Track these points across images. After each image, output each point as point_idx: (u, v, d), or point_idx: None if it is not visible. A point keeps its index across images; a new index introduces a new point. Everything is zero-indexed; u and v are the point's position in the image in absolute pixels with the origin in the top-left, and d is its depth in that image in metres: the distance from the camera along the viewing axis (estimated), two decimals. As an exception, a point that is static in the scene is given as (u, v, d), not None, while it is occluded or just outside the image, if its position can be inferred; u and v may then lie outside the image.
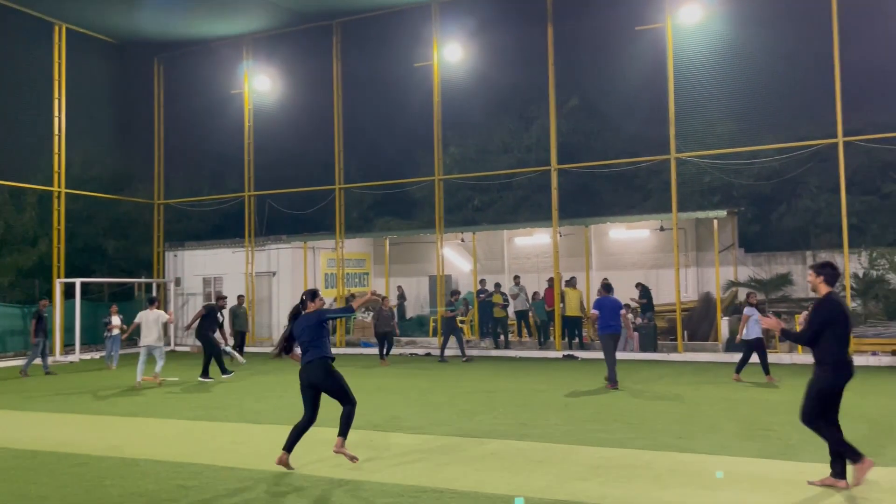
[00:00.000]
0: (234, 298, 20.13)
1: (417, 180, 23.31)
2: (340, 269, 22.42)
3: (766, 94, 17.47)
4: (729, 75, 17.25)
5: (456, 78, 21.35)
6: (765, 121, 18.04)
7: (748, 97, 17.23)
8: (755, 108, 17.41)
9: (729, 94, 17.39)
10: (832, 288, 6.62)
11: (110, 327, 17.90)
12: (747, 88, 17.18)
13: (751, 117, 17.38)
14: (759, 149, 17.80)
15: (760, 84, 17.15)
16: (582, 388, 12.99)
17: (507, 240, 25.95)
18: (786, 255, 22.89)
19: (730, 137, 17.70)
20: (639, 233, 24.25)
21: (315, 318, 7.71)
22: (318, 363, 7.73)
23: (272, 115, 23.55)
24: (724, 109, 17.51)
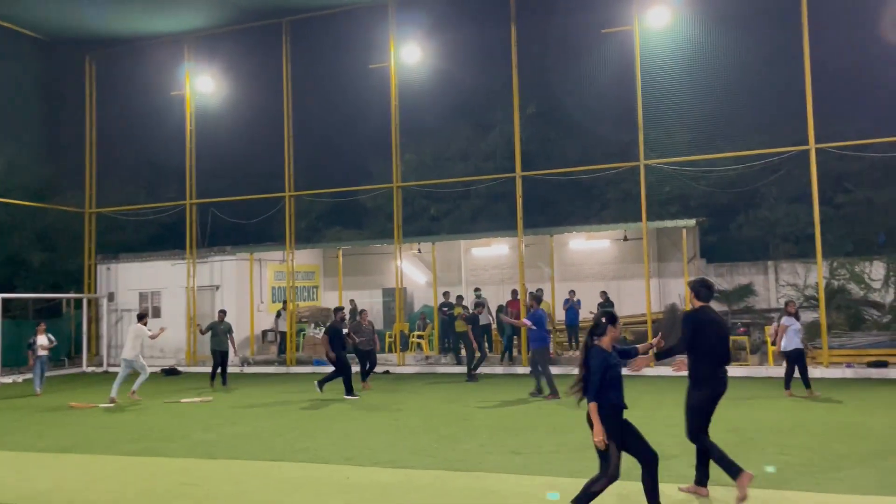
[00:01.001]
0: (177, 315, 18.63)
1: (375, 187, 22.24)
2: (291, 281, 21.05)
3: (737, 100, 17.03)
4: (699, 80, 16.78)
5: (413, 81, 20.38)
6: (734, 127, 17.63)
7: (717, 103, 16.75)
8: (724, 114, 16.97)
9: (698, 99, 16.89)
10: (704, 303, 6.69)
11: (36, 347, 16.12)
12: (716, 94, 16.70)
13: (720, 123, 16.94)
14: (730, 155, 17.37)
15: (730, 89, 16.68)
16: (564, 409, 12.08)
17: (464, 251, 25.04)
18: (748, 265, 22.64)
19: (698, 144, 17.18)
20: (599, 243, 23.69)
21: None
22: None
23: (216, 119, 22.09)
24: (693, 115, 16.96)
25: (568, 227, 21.77)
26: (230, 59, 21.64)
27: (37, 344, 16.14)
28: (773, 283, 22.02)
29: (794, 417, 10.85)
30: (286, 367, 20.64)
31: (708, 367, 6.49)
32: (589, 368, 5.76)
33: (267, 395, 15.02)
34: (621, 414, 5.81)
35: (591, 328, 5.92)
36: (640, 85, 17.46)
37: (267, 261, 24.13)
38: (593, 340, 5.83)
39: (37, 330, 16.47)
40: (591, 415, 5.72)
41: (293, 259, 21.03)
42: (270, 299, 24.29)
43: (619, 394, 5.79)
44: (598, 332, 5.85)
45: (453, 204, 25.77)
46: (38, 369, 16.14)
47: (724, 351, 6.60)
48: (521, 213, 19.09)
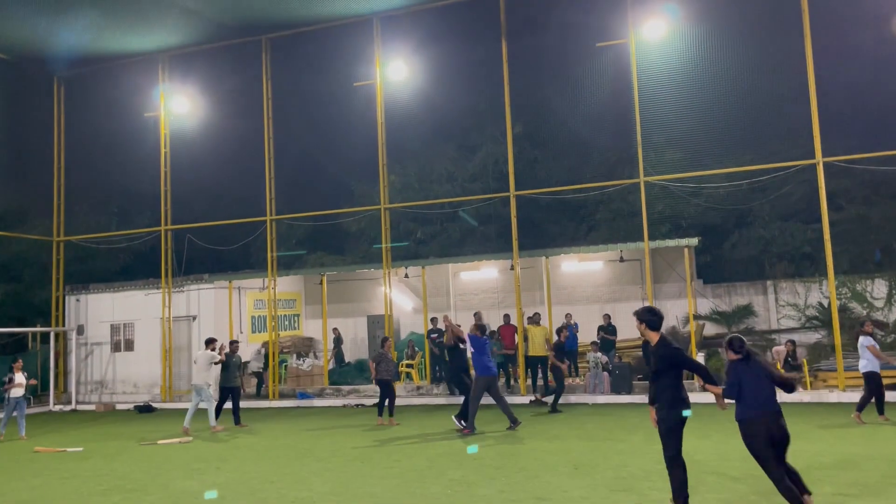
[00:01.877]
0: (151, 348, 17.44)
1: (362, 209, 21.32)
2: (273, 310, 19.96)
3: (737, 114, 16.44)
4: (697, 94, 16.20)
5: (399, 99, 19.61)
6: (734, 142, 17.02)
7: (717, 117, 16.14)
8: (724, 128, 16.35)
9: (697, 114, 16.29)
10: (658, 332, 6.82)
11: (10, 386, 14.66)
12: (715, 108, 16.10)
13: (720, 138, 16.30)
14: (735, 171, 16.74)
15: (730, 103, 16.09)
16: (575, 442, 11.17)
17: (452, 275, 24.17)
18: (745, 285, 22.01)
19: (697, 160, 16.54)
20: (592, 265, 22.97)
21: None
22: None
23: (192, 141, 21.09)
24: (692, 130, 16.34)
25: (564, 248, 20.96)
26: (207, 79, 20.71)
27: (14, 382, 14.69)
28: (773, 304, 21.39)
29: (841, 450, 10.03)
30: (268, 400, 19.49)
31: (676, 390, 6.63)
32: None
33: (252, 434, 13.91)
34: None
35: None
36: (638, 99, 16.82)
37: (246, 289, 23.04)
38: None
39: (13, 367, 14.96)
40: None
41: (275, 286, 19.96)
42: (250, 329, 23.16)
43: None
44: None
45: (440, 226, 24.92)
46: (20, 409, 14.70)
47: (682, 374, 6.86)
48: (517, 234, 18.20)
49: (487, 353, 13.06)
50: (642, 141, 16.86)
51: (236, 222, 21.02)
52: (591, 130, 21.12)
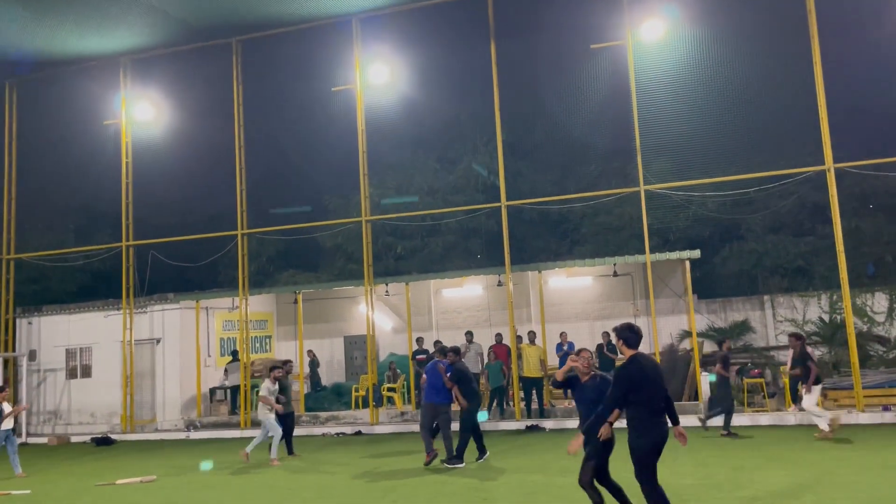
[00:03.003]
0: (111, 373, 15.86)
1: (342, 221, 19.98)
2: (245, 331, 18.50)
3: (741, 119, 15.59)
4: (698, 98, 15.31)
5: (380, 106, 18.39)
6: (739, 148, 16.17)
7: (722, 123, 15.28)
8: (729, 134, 15.50)
9: (698, 119, 15.41)
10: (636, 349, 6.58)
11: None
12: (718, 113, 15.24)
13: (724, 145, 15.44)
14: (741, 178, 15.82)
15: (734, 108, 15.24)
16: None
17: (434, 292, 22.94)
18: (741, 300, 21.15)
19: (698, 167, 15.63)
20: (581, 280, 21.91)
21: None
22: None
23: (156, 151, 19.61)
24: (693, 136, 15.44)
25: (558, 262, 19.88)
26: (173, 84, 19.31)
27: (2, 414, 12.84)
28: (771, 319, 20.55)
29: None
30: (239, 429, 17.99)
31: (646, 416, 6.38)
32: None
33: (226, 467, 12.46)
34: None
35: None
36: (636, 105, 15.89)
37: (214, 309, 21.53)
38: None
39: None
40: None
41: (247, 306, 18.52)
42: (219, 352, 21.62)
43: None
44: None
45: (420, 241, 23.72)
46: (11, 444, 12.94)
47: (660, 399, 6.50)
48: (508, 247, 17.08)
49: (470, 382, 11.77)
50: (641, 148, 15.85)
51: (204, 237, 19.55)
52: (583, 139, 20.17)
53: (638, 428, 6.42)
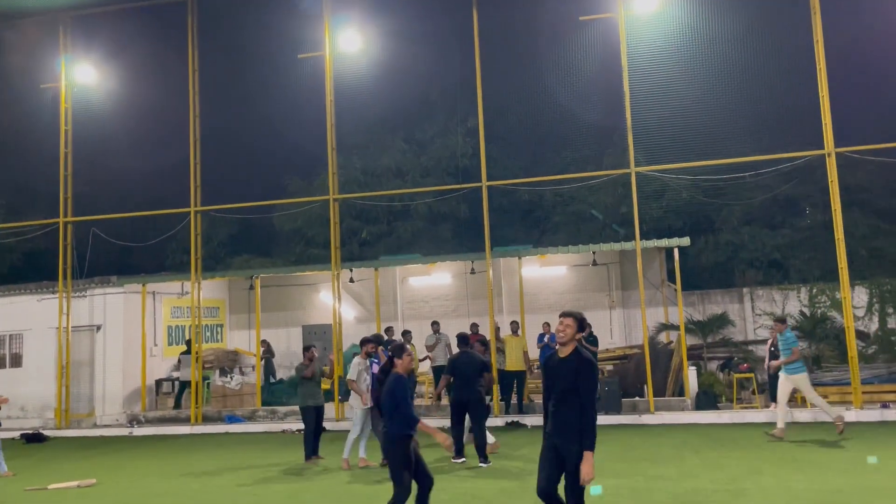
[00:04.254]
0: (44, 363, 14.19)
1: (307, 200, 18.52)
2: (198, 318, 16.90)
3: (737, 101, 14.75)
4: (694, 77, 14.42)
5: (351, 76, 17.00)
6: (736, 130, 15.33)
7: (717, 103, 14.42)
8: (725, 115, 14.63)
9: (692, 99, 14.51)
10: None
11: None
12: (713, 94, 14.37)
13: (720, 126, 14.57)
14: (737, 161, 14.95)
15: (731, 88, 14.39)
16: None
17: (399, 280, 21.65)
18: (720, 293, 20.45)
19: (695, 149, 14.75)
20: (554, 270, 20.91)
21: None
22: None
23: (100, 118, 17.78)
24: (686, 117, 14.54)
25: (541, 248, 18.82)
26: (120, 45, 17.54)
27: None
28: (750, 313, 19.91)
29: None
30: (189, 425, 16.43)
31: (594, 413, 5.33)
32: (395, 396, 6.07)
33: (174, 468, 11.00)
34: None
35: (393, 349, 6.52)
36: (628, 81, 14.89)
37: (162, 294, 19.81)
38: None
39: None
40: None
41: (199, 290, 16.92)
42: (166, 341, 19.93)
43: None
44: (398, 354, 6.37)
45: (388, 226, 22.39)
46: None
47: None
48: (489, 231, 15.94)
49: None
50: (633, 128, 14.87)
51: (152, 214, 17.87)
52: (563, 121, 19.09)
53: (582, 429, 5.69)
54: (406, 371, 6.41)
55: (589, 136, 20.55)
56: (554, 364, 5.48)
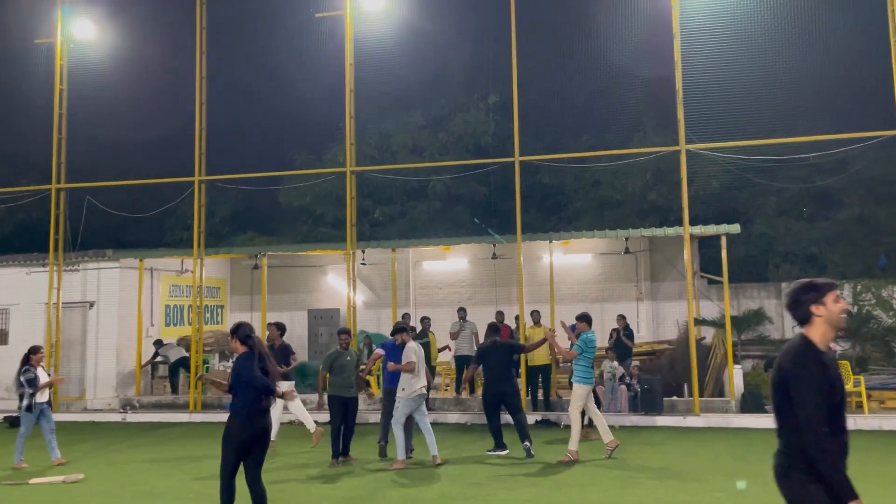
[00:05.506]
0: (33, 341, 12.82)
1: (322, 171, 17.18)
2: (200, 297, 15.59)
3: (804, 74, 13.42)
4: (756, 46, 13.10)
5: (372, 39, 15.64)
6: (798, 107, 13.99)
7: (779, 77, 13.10)
8: (788, 91, 13.31)
9: (752, 72, 13.21)
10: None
11: (42, 386, 9.98)
12: (777, 67, 13.05)
13: (780, 104, 13.24)
14: (801, 140, 13.56)
15: (797, 60, 13.06)
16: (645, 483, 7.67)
17: (413, 264, 20.37)
18: (756, 287, 19.26)
19: (749, 127, 13.46)
20: (579, 258, 19.62)
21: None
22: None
23: (98, 78, 16.41)
24: (745, 91, 13.25)
25: (574, 232, 17.56)
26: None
27: (38, 381, 9.94)
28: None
29: None
30: (188, 412, 15.17)
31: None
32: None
33: (171, 463, 9.73)
34: None
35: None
36: (679, 49, 13.56)
37: (160, 271, 18.51)
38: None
39: (31, 358, 10.07)
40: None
41: (202, 266, 15.61)
42: (163, 321, 18.64)
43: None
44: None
45: (402, 207, 21.05)
46: (48, 421, 10.04)
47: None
48: (520, 209, 14.70)
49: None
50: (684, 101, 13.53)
51: (153, 183, 16.53)
52: (591, 96, 17.76)
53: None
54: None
55: (621, 115, 19.21)
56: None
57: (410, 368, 9.46)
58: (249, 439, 5.88)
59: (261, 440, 5.98)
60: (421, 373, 9.64)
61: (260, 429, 5.93)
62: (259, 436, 5.94)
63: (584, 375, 9.72)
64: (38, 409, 9.99)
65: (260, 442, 5.97)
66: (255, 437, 5.91)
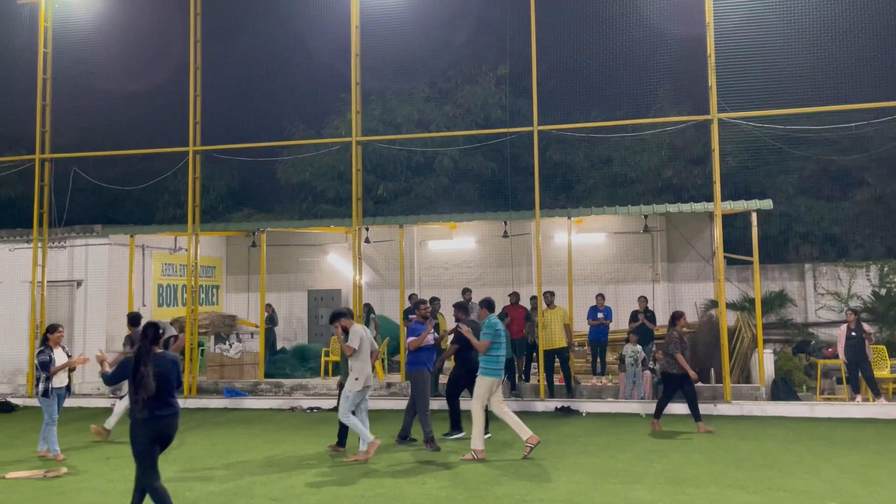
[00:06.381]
0: (16, 322, 11.95)
1: (326, 141, 16.20)
2: (195, 277, 14.63)
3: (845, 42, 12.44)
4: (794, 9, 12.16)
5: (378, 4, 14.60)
6: (838, 75, 13.01)
7: (817, 45, 12.16)
8: (830, 58, 12.36)
9: (788, 38, 12.26)
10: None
11: (56, 369, 9.01)
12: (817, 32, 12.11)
13: (818, 68, 12.32)
14: (839, 108, 12.60)
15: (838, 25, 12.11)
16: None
17: (417, 243, 19.47)
18: (778, 268, 18.39)
19: (784, 95, 12.50)
20: (592, 237, 18.75)
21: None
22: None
23: (85, 40, 15.31)
24: (782, 56, 12.30)
25: (594, 208, 16.66)
26: (111, -46, 15.05)
27: (53, 363, 9.01)
28: (812, 291, 17.87)
29: None
30: (182, 398, 14.23)
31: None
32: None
33: (164, 456, 8.85)
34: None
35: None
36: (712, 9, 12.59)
37: (152, 248, 17.54)
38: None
39: (48, 338, 9.19)
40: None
41: (197, 243, 14.63)
42: (156, 301, 17.69)
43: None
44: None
45: (406, 182, 20.06)
46: (60, 407, 9.18)
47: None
48: (538, 184, 13.76)
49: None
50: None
51: (144, 153, 15.51)
52: (612, 70, 16.69)
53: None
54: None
55: (637, 90, 18.21)
56: None
57: (348, 353, 8.62)
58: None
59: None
60: (369, 360, 8.84)
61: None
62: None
63: (488, 366, 8.77)
64: (55, 395, 9.04)
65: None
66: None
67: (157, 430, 5.80)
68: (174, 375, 5.95)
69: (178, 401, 6.05)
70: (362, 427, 8.65)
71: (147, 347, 5.80)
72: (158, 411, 5.78)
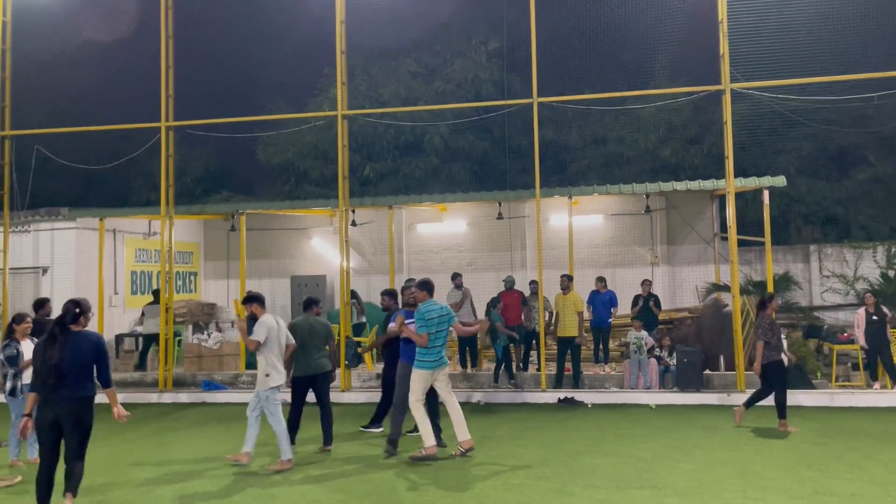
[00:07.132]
0: None
1: (310, 115, 15.19)
2: (170, 263, 13.62)
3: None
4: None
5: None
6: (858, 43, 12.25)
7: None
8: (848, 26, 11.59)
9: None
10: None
11: (25, 364, 7.95)
12: None
13: (836, 35, 11.54)
14: (856, 78, 11.81)
15: None
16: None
17: (406, 227, 18.60)
18: (782, 250, 17.70)
19: (796, 65, 11.72)
20: (589, 219, 17.96)
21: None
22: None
23: (49, 8, 14.21)
24: (798, 24, 11.50)
25: (597, 185, 15.83)
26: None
27: (21, 357, 7.99)
28: (817, 274, 17.23)
29: None
30: (157, 391, 13.33)
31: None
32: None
33: (138, 458, 7.96)
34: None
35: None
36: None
37: (125, 233, 16.53)
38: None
39: (15, 330, 8.20)
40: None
41: (171, 227, 13.63)
42: (129, 289, 16.69)
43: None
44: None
45: (394, 163, 19.13)
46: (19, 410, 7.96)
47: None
48: (536, 166, 12.92)
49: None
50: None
51: (113, 129, 14.43)
52: (609, 43, 15.88)
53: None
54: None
55: (635, 64, 17.44)
56: None
57: (251, 347, 7.60)
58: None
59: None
60: (281, 356, 7.74)
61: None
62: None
63: (422, 357, 7.77)
64: (24, 392, 7.95)
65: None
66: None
67: (55, 413, 5.58)
68: (92, 358, 5.74)
69: (93, 385, 5.81)
70: (253, 433, 7.71)
71: (63, 325, 5.65)
72: (57, 392, 5.57)
